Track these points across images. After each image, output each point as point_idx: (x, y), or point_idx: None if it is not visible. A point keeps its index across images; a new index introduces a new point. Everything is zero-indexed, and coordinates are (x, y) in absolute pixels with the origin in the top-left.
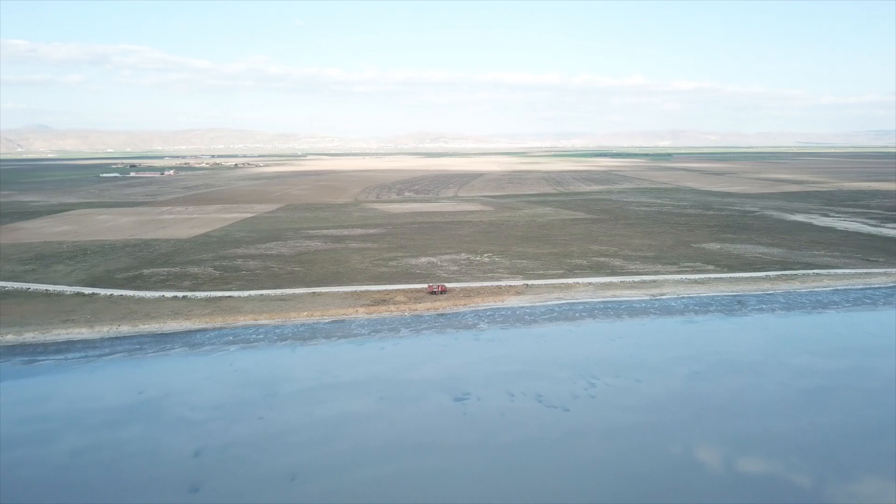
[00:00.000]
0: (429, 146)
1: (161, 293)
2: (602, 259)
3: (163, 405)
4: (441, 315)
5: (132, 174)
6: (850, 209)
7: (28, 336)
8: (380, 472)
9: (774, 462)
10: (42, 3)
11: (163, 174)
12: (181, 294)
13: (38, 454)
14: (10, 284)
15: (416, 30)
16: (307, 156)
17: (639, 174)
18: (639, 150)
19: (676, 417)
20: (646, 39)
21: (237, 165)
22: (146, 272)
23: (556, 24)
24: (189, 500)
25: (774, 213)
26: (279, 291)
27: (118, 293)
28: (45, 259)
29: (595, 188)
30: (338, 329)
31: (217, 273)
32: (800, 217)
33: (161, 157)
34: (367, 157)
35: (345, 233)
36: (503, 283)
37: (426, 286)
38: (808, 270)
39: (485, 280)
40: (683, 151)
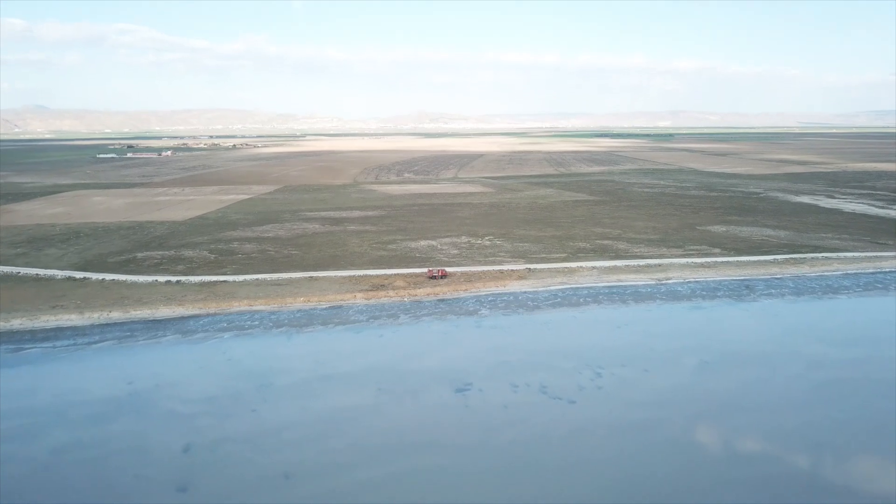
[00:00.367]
0: (428, 126)
1: (154, 277)
2: (606, 242)
3: (153, 397)
4: (441, 300)
5: (129, 155)
6: (856, 190)
7: (15, 323)
8: (378, 470)
9: (790, 459)
10: None
11: (160, 155)
12: (175, 279)
13: (22, 449)
14: (0, 269)
15: (416, 10)
16: (306, 136)
17: (640, 155)
18: (639, 131)
19: (686, 412)
20: (647, 19)
21: (235, 146)
22: (140, 256)
23: (557, 4)
24: (178, 500)
25: (779, 195)
26: (275, 276)
27: (110, 277)
28: (37, 242)
29: (597, 169)
30: (335, 315)
31: (212, 257)
32: (805, 199)
33: (159, 138)
34: (367, 138)
35: (343, 215)
36: (505, 268)
37: (426, 270)
38: (817, 254)
39: (486, 264)
40: (684, 132)
